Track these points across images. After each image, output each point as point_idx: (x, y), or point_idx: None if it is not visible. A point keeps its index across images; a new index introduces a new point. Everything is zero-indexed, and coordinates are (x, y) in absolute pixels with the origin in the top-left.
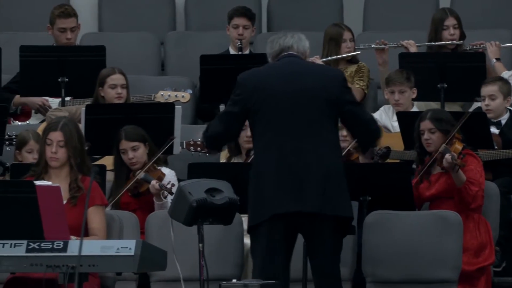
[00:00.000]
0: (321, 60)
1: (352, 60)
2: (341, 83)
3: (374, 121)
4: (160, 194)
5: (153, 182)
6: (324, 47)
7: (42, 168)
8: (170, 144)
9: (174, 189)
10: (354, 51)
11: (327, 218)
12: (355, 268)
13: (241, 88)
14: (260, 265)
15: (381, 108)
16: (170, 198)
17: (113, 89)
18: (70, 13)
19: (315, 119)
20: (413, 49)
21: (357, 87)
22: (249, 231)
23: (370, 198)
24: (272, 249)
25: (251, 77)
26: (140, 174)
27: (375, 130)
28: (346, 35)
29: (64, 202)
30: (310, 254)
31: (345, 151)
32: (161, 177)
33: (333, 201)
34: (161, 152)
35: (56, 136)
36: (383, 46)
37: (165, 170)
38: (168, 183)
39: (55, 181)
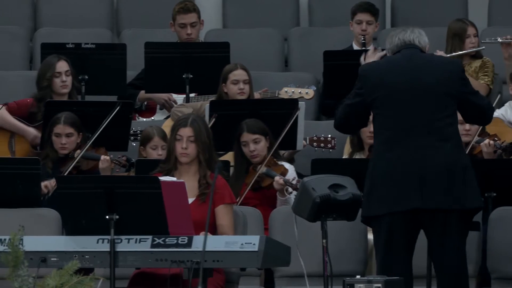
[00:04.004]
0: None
1: (476, 55)
2: (459, 75)
3: (490, 107)
4: (284, 190)
5: (277, 177)
6: (447, 42)
7: (172, 164)
8: (295, 116)
9: (299, 185)
10: (478, 46)
11: (451, 213)
12: (480, 265)
13: (362, 81)
14: (379, 260)
15: (506, 104)
16: (294, 193)
17: (236, 85)
18: (190, 8)
19: (435, 114)
20: None
21: (482, 83)
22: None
23: (495, 194)
24: (390, 245)
25: (373, 71)
26: (262, 169)
27: (489, 118)
28: (470, 30)
29: (193, 199)
30: (434, 251)
31: (469, 146)
32: (284, 172)
33: (457, 195)
34: (288, 126)
35: (186, 131)
36: (510, 40)
37: (285, 164)
38: (293, 179)
39: (185, 178)
